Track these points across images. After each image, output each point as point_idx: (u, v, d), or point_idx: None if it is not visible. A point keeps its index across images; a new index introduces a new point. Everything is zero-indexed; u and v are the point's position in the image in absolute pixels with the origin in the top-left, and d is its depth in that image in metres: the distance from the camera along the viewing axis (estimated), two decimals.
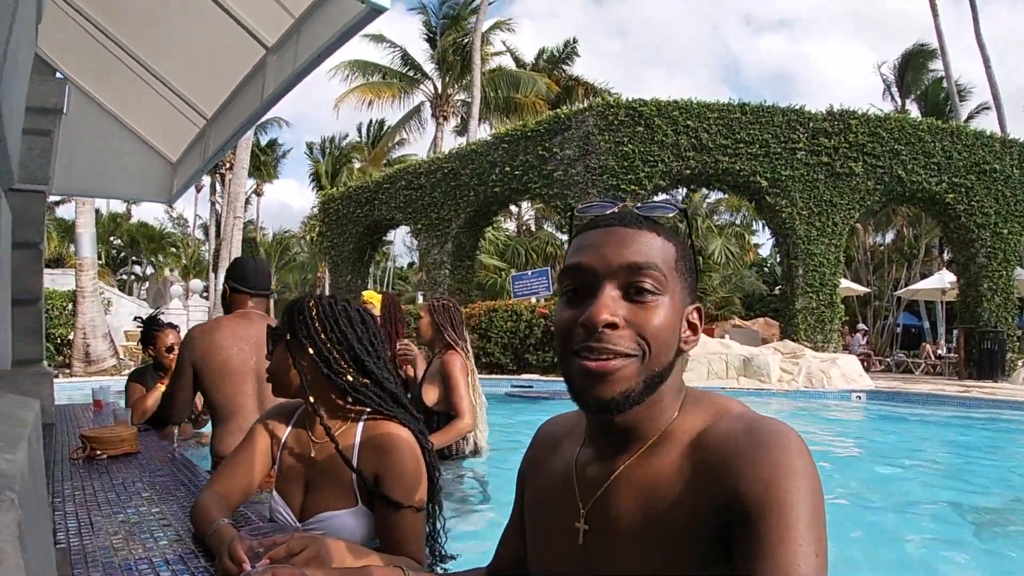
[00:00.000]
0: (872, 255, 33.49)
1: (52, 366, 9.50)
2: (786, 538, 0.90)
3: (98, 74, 5.02)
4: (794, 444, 0.97)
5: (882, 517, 4.57)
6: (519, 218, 41.98)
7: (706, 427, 1.07)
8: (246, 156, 26.33)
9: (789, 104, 17.33)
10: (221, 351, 3.24)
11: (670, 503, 1.03)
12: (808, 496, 0.93)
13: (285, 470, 2.01)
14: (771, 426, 1.00)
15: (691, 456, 1.05)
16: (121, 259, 50.63)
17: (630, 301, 1.07)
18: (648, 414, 1.10)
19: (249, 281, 3.48)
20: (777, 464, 0.95)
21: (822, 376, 12.96)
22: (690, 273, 1.13)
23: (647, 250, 1.08)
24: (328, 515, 1.88)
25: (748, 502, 0.93)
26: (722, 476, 0.98)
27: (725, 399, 1.14)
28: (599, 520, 1.12)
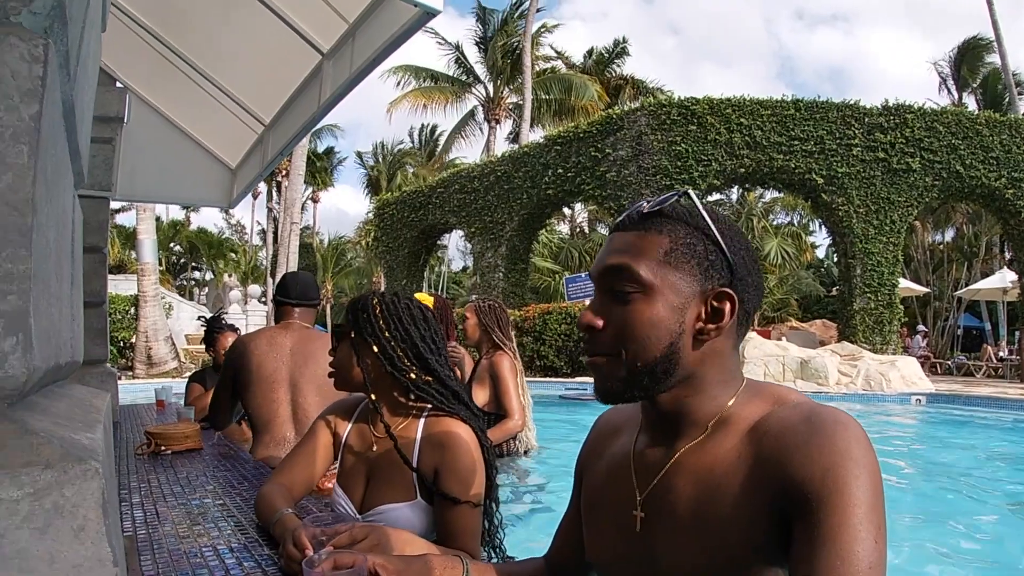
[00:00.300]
0: (931, 254, 32.62)
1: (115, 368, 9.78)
2: (845, 524, 0.90)
3: (157, 83, 5.17)
4: (853, 432, 0.97)
5: (941, 521, 4.49)
6: (572, 220, 41.92)
7: (765, 415, 1.07)
8: (302, 163, 26.77)
9: (844, 99, 17.00)
10: (253, 359, 3.36)
11: (727, 489, 1.04)
12: (867, 483, 0.93)
13: (347, 464, 2.06)
14: (830, 414, 1.00)
15: (749, 443, 1.05)
16: (181, 265, 51.82)
17: (616, 302, 1.11)
18: (694, 401, 1.12)
19: (291, 292, 3.59)
20: (836, 451, 0.95)
21: (881, 379, 12.71)
22: (702, 257, 1.10)
23: (627, 249, 1.11)
24: (387, 507, 1.91)
25: (807, 489, 0.94)
26: (780, 463, 0.98)
27: (785, 389, 1.14)
28: (656, 506, 1.13)
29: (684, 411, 1.12)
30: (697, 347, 1.10)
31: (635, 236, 1.12)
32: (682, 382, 1.11)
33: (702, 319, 1.09)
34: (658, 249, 1.09)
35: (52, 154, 0.88)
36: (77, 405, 1.24)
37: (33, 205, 0.75)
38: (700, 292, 1.09)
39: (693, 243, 1.10)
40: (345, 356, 2.06)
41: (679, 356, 1.08)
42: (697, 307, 1.09)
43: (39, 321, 0.82)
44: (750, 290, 1.12)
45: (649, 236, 1.11)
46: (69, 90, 1.01)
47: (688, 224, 1.11)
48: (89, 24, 1.26)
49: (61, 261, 1.13)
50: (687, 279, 1.09)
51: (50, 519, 0.73)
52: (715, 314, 1.09)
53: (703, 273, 1.09)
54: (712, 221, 1.11)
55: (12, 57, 0.73)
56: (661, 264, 1.08)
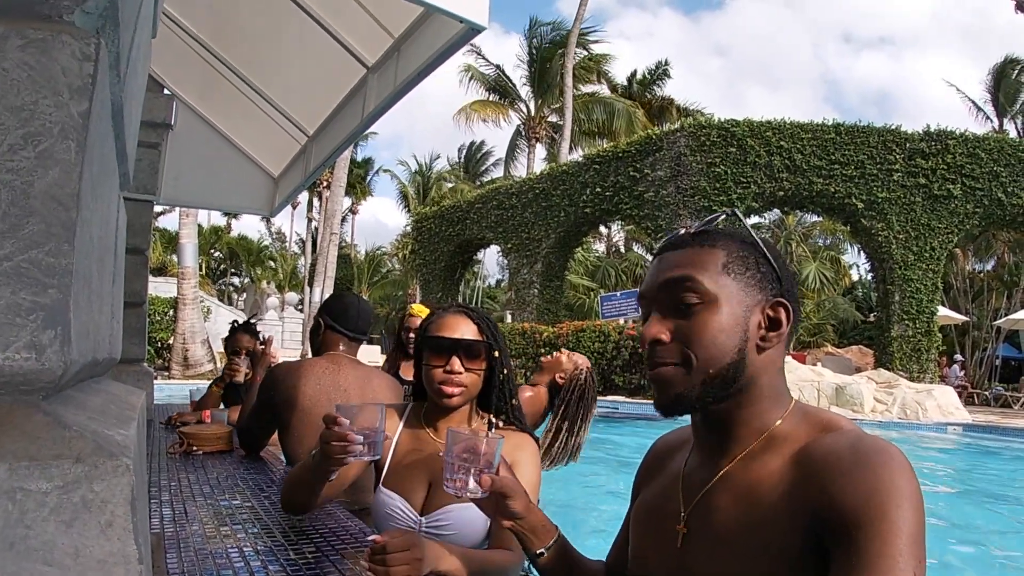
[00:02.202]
0: (971, 282, 32.01)
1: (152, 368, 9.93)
2: (885, 553, 0.90)
3: (204, 91, 5.25)
4: (897, 462, 0.98)
5: (975, 551, 4.40)
6: (609, 239, 41.88)
7: (812, 439, 1.08)
8: (343, 175, 27.06)
9: (885, 124, 16.86)
10: (304, 398, 2.98)
11: (769, 509, 1.04)
12: (909, 513, 0.93)
13: (401, 468, 2.05)
14: (876, 443, 1.01)
15: (794, 466, 1.06)
16: (221, 270, 52.51)
17: (678, 316, 1.14)
18: (743, 416, 1.14)
19: (349, 323, 3.20)
20: (879, 480, 0.95)
21: (917, 407, 12.51)
22: (755, 269, 1.14)
23: (686, 264, 1.15)
24: (455, 507, 1.92)
25: (848, 515, 0.94)
26: (823, 488, 0.99)
27: (835, 415, 1.15)
28: (698, 523, 1.15)
29: (734, 423, 1.14)
30: (760, 355, 1.13)
31: (691, 251, 1.16)
32: (740, 391, 1.13)
33: (763, 327, 1.13)
34: (716, 261, 1.13)
35: (99, 152, 0.89)
36: (112, 401, 1.25)
37: (78, 201, 0.76)
38: (758, 301, 1.13)
39: (746, 256, 1.15)
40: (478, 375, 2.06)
41: (746, 363, 1.12)
42: (757, 316, 1.13)
43: (78, 316, 0.84)
44: (795, 304, 1.16)
45: (705, 250, 1.15)
46: (118, 91, 1.03)
47: (738, 239, 1.16)
48: (140, 28, 1.29)
49: (103, 259, 1.14)
50: (746, 289, 1.13)
51: (77, 513, 0.73)
52: (773, 323, 1.13)
53: (758, 284, 1.14)
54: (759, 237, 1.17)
55: (64, 55, 0.75)
56: (721, 275, 1.12)
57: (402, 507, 1.98)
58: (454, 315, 2.09)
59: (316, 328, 3.26)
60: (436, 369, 2.02)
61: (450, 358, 2.00)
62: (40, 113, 0.74)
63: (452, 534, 1.91)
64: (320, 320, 3.23)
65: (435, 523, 1.93)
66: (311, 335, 3.33)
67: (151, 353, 20.24)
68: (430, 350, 2.05)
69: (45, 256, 0.74)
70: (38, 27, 0.75)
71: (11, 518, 0.70)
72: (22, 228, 0.73)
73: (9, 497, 0.70)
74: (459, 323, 2.06)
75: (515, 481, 1.45)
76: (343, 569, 1.64)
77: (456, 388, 2.01)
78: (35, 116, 0.73)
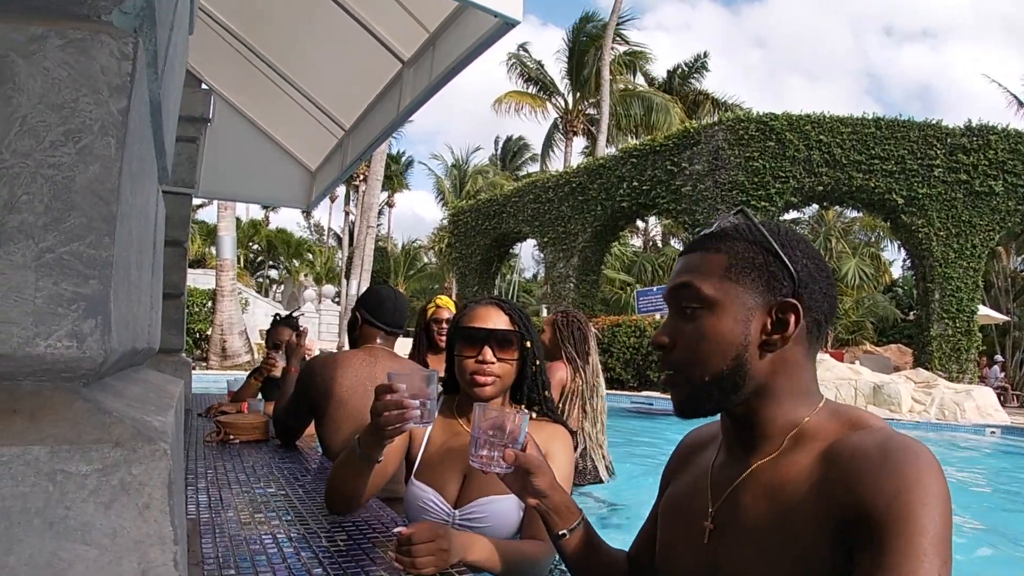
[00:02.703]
0: (1013, 281, 31.37)
1: (191, 358, 10.13)
2: (910, 552, 0.90)
3: (241, 85, 5.32)
4: (925, 461, 0.97)
5: (1009, 555, 4.33)
6: (646, 233, 41.68)
7: (841, 437, 1.08)
8: (380, 168, 27.21)
9: (926, 118, 16.56)
10: (341, 389, 3.01)
11: (796, 506, 1.05)
12: (936, 513, 0.93)
13: (434, 460, 2.07)
14: (904, 442, 1.01)
15: (823, 463, 1.06)
16: (258, 263, 53.08)
17: (683, 321, 1.17)
18: (768, 412, 1.14)
19: (385, 316, 3.20)
20: (906, 479, 0.95)
21: (955, 408, 12.29)
22: (761, 269, 1.14)
23: (689, 269, 1.18)
24: (490, 499, 1.95)
25: (874, 514, 0.94)
26: (851, 486, 0.99)
27: (865, 413, 1.15)
28: (726, 519, 1.16)
29: (758, 422, 1.15)
30: (764, 356, 1.13)
31: (697, 256, 1.18)
32: (755, 393, 1.14)
33: (767, 330, 1.12)
34: (718, 266, 1.14)
35: (138, 148, 0.92)
36: (151, 389, 1.28)
37: (118, 195, 0.79)
38: (764, 304, 1.13)
39: (752, 257, 1.14)
40: (511, 365, 2.07)
41: (747, 367, 1.12)
42: (762, 318, 1.12)
43: (118, 306, 0.87)
44: (818, 298, 1.15)
45: (709, 255, 1.17)
46: (156, 88, 1.06)
47: (747, 240, 1.16)
48: (177, 26, 1.32)
49: (142, 251, 1.18)
50: (750, 292, 1.12)
51: (116, 495, 0.76)
52: (780, 324, 1.12)
53: (765, 285, 1.13)
54: (770, 234, 1.15)
55: (102, 54, 0.78)
56: (723, 280, 1.13)
57: (435, 499, 2.00)
58: (486, 306, 2.11)
59: (353, 322, 3.27)
60: (468, 360, 2.03)
61: (482, 348, 2.02)
62: (80, 111, 0.77)
63: (486, 527, 1.93)
64: (357, 314, 3.24)
65: (468, 515, 1.95)
66: (348, 328, 3.35)
67: (189, 344, 20.56)
68: (462, 341, 2.06)
69: (86, 248, 0.77)
70: (77, 27, 0.78)
71: (51, 499, 0.73)
72: (64, 221, 0.76)
73: (50, 479, 0.74)
74: (491, 314, 2.08)
75: (540, 459, 1.48)
76: (374, 557, 1.67)
77: (488, 378, 2.02)
78: (76, 113, 0.76)
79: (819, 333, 1.17)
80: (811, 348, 1.17)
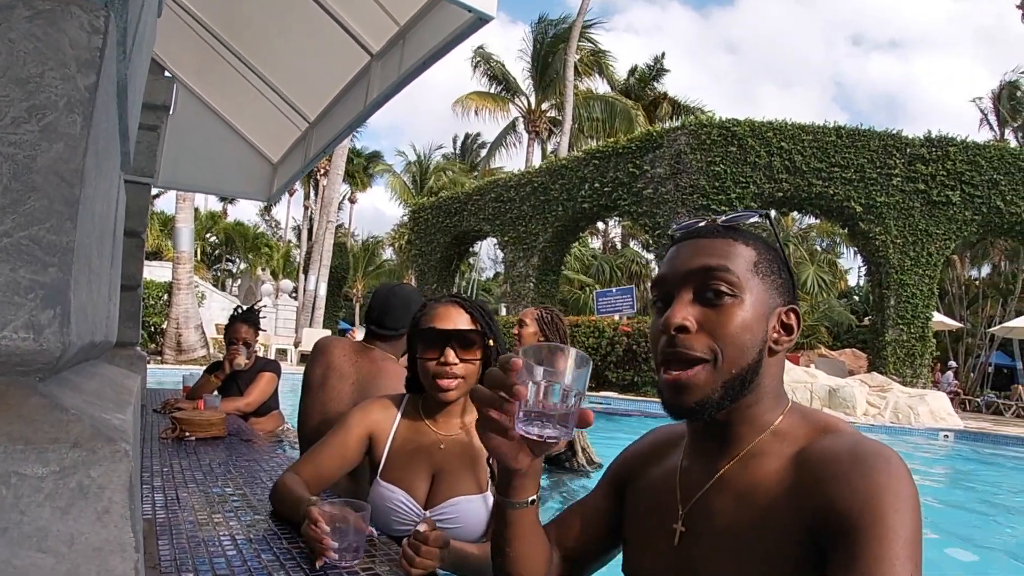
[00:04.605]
0: (966, 289, 32.10)
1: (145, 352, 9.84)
2: (882, 557, 0.90)
3: (205, 74, 5.21)
4: (895, 465, 0.98)
5: (964, 559, 4.41)
6: (605, 235, 41.88)
7: (811, 442, 1.08)
8: (342, 163, 27.00)
9: (886, 128, 16.88)
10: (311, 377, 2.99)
11: (767, 511, 1.04)
12: (907, 517, 0.93)
13: (401, 461, 2.02)
14: (874, 447, 1.01)
15: (793, 468, 1.06)
16: (216, 256, 52.33)
17: (706, 305, 1.11)
18: (745, 415, 1.13)
19: (369, 314, 3.07)
20: (877, 483, 0.95)
21: (909, 412, 12.53)
22: (777, 274, 1.15)
23: (719, 254, 1.13)
24: (459, 499, 1.92)
25: (845, 519, 0.94)
26: (822, 491, 0.98)
27: (832, 417, 1.15)
28: (696, 522, 1.14)
29: (736, 422, 1.14)
30: (772, 358, 1.14)
31: (724, 243, 1.15)
32: (748, 392, 1.13)
33: (777, 331, 1.13)
34: (749, 258, 1.13)
35: (104, 129, 0.87)
36: (108, 385, 1.23)
37: (82, 177, 0.73)
38: (776, 305, 1.14)
39: (771, 260, 1.15)
40: (475, 365, 2.02)
41: (762, 365, 1.12)
42: (774, 319, 1.13)
43: (78, 296, 0.81)
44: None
45: (738, 245, 1.14)
46: (124, 69, 1.01)
47: (766, 242, 1.17)
48: (147, 5, 1.26)
49: (103, 239, 1.12)
50: (769, 291, 1.13)
51: (74, 499, 0.71)
52: (786, 328, 1.14)
53: (779, 288, 1.14)
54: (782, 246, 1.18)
55: (72, 26, 0.73)
56: (751, 272, 1.12)
57: (404, 500, 1.95)
58: (446, 305, 2.05)
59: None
60: (430, 362, 1.98)
61: (444, 349, 1.96)
62: (46, 86, 0.71)
63: (456, 527, 1.89)
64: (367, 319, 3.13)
65: (439, 516, 1.91)
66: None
67: (144, 338, 20.19)
68: (423, 343, 2.01)
69: (46, 233, 0.72)
70: None
71: (5, 503, 0.68)
72: (23, 204, 0.71)
73: (3, 481, 0.68)
74: (452, 313, 2.02)
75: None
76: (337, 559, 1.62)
77: (452, 381, 1.97)
78: (41, 88, 0.71)
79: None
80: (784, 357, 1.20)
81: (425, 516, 1.92)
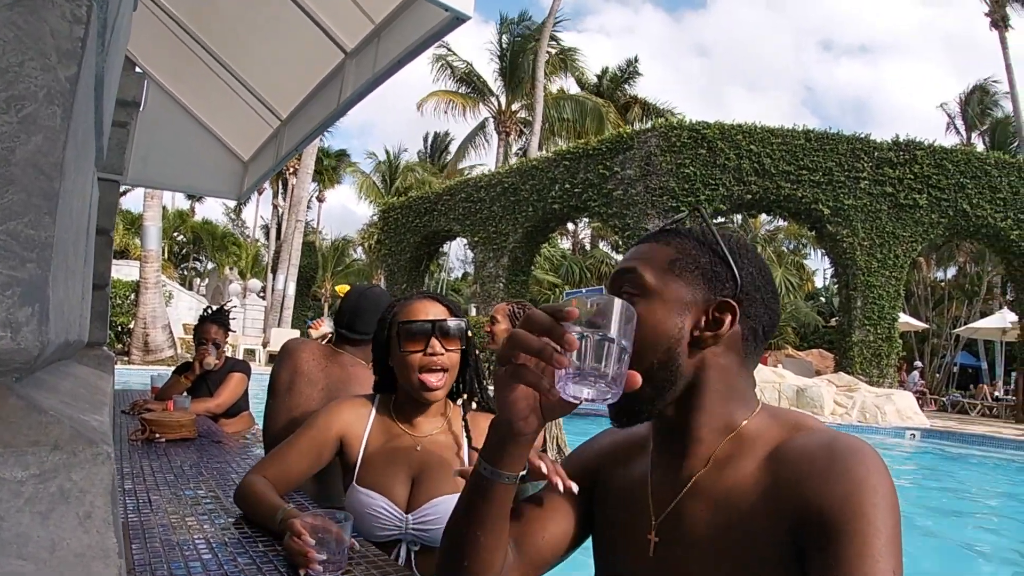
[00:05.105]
0: (932, 290, 32.67)
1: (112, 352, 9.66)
2: (864, 555, 0.89)
3: (176, 71, 5.14)
4: (872, 461, 0.97)
5: (930, 556, 4.47)
6: (575, 236, 41.97)
7: (783, 441, 1.07)
8: (311, 162, 26.86)
9: (855, 132, 17.14)
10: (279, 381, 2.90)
11: (744, 515, 1.03)
12: (886, 513, 0.92)
13: (377, 464, 1.98)
14: (849, 442, 1.00)
15: (767, 469, 1.04)
16: (183, 255, 51.77)
17: None
18: (698, 416, 1.12)
19: (340, 317, 3.02)
20: (854, 480, 0.94)
21: (876, 411, 12.71)
22: (704, 268, 1.13)
23: (636, 257, 1.17)
24: (443, 498, 1.89)
25: (825, 517, 0.93)
26: (799, 491, 0.97)
27: (803, 415, 1.14)
28: (670, 531, 1.12)
29: (689, 425, 1.13)
30: (694, 354, 1.11)
31: (646, 246, 1.19)
32: (686, 393, 1.12)
33: (700, 327, 1.11)
34: (664, 258, 1.14)
35: (83, 122, 0.85)
36: (82, 385, 1.20)
37: (61, 171, 0.71)
38: (703, 301, 1.12)
39: (698, 255, 1.14)
40: (458, 355, 2.02)
41: (677, 362, 1.10)
42: (698, 315, 1.11)
43: (56, 294, 0.79)
44: (759, 308, 1.14)
45: (658, 246, 1.17)
46: (102, 62, 0.98)
47: (697, 239, 1.16)
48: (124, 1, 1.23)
49: (79, 235, 1.09)
50: (689, 288, 1.12)
51: (54, 504, 0.69)
52: (715, 323, 1.11)
53: (707, 284, 1.13)
54: (721, 237, 1.15)
55: (53, 15, 0.70)
56: (665, 272, 1.13)
57: (385, 506, 1.91)
58: (422, 300, 2.04)
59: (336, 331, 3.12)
60: (415, 355, 1.94)
61: (429, 340, 1.94)
62: (25, 76, 0.69)
63: (441, 528, 1.85)
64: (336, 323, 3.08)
65: (422, 518, 1.89)
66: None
67: (111, 338, 19.92)
68: (405, 336, 1.96)
69: (24, 228, 0.69)
70: None
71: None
72: (1, 198, 0.69)
73: None
74: (429, 307, 2.02)
75: None
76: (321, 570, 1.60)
77: (439, 375, 1.95)
78: (20, 79, 0.69)
79: (756, 343, 1.15)
80: (747, 357, 1.15)
81: (407, 519, 1.90)
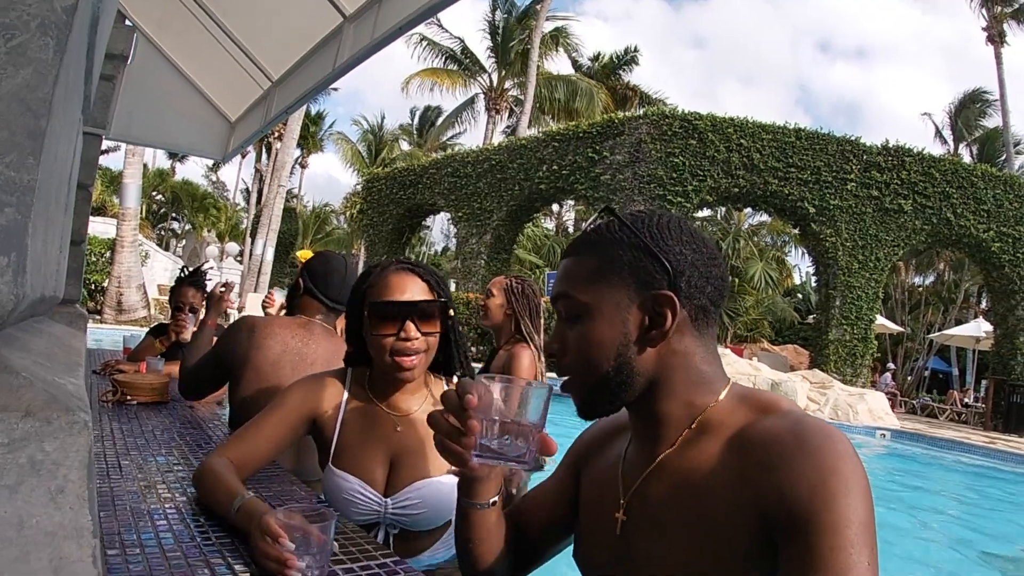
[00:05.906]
0: (910, 295, 33.04)
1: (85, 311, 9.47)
2: (836, 546, 0.87)
3: (167, 25, 5.01)
4: (842, 446, 0.95)
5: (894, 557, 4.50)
6: (559, 217, 41.90)
7: (750, 422, 1.05)
8: (297, 127, 26.53)
9: (845, 134, 17.21)
10: (262, 360, 2.66)
11: (709, 495, 1.02)
12: (858, 501, 0.91)
13: (356, 444, 1.86)
14: (818, 427, 0.98)
15: (734, 450, 1.03)
16: (161, 214, 51.19)
17: (568, 326, 1.17)
18: (666, 406, 1.13)
19: (331, 291, 2.84)
20: (824, 467, 0.92)
21: (848, 410, 12.82)
22: (632, 266, 1.11)
23: (563, 277, 1.19)
24: (423, 483, 1.79)
25: (795, 507, 0.91)
26: (767, 476, 0.96)
27: (774, 396, 1.12)
28: (637, 510, 1.13)
29: (656, 414, 1.13)
30: (647, 351, 1.11)
31: (570, 262, 1.19)
32: (648, 387, 1.12)
33: (645, 326, 1.10)
34: (587, 270, 1.14)
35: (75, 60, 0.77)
36: (56, 344, 1.13)
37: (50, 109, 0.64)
38: (639, 300, 1.11)
39: (620, 256, 1.12)
40: (436, 337, 1.88)
41: (632, 365, 1.10)
42: (638, 315, 1.11)
43: (34, 244, 0.72)
44: (698, 283, 1.12)
45: (581, 259, 1.17)
46: (98, 2, 0.91)
47: (615, 240, 1.14)
48: None
49: (61, 185, 1.02)
50: (621, 292, 1.11)
51: (24, 476, 0.62)
52: (658, 319, 1.10)
53: (638, 282, 1.11)
54: (639, 229, 1.13)
55: None
56: (594, 283, 1.13)
57: (362, 489, 1.81)
58: (398, 273, 1.87)
59: (294, 288, 2.92)
60: (387, 338, 1.80)
61: (404, 323, 1.79)
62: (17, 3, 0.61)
63: (421, 512, 1.79)
64: (300, 280, 2.89)
65: (402, 503, 1.80)
66: (288, 295, 2.99)
67: (84, 296, 19.66)
68: (377, 317, 1.81)
69: (5, 168, 0.62)
70: None
71: None
72: None
73: None
74: (406, 282, 1.85)
75: None
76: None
77: (414, 358, 1.81)
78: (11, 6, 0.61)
79: (707, 318, 1.14)
80: (703, 334, 1.14)
81: (385, 503, 1.82)
